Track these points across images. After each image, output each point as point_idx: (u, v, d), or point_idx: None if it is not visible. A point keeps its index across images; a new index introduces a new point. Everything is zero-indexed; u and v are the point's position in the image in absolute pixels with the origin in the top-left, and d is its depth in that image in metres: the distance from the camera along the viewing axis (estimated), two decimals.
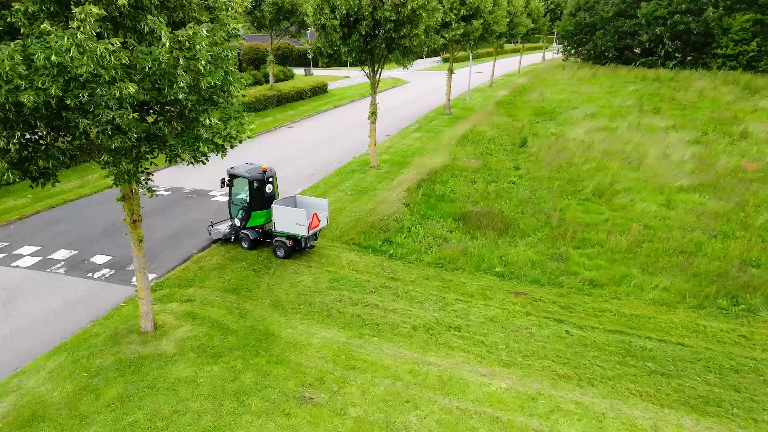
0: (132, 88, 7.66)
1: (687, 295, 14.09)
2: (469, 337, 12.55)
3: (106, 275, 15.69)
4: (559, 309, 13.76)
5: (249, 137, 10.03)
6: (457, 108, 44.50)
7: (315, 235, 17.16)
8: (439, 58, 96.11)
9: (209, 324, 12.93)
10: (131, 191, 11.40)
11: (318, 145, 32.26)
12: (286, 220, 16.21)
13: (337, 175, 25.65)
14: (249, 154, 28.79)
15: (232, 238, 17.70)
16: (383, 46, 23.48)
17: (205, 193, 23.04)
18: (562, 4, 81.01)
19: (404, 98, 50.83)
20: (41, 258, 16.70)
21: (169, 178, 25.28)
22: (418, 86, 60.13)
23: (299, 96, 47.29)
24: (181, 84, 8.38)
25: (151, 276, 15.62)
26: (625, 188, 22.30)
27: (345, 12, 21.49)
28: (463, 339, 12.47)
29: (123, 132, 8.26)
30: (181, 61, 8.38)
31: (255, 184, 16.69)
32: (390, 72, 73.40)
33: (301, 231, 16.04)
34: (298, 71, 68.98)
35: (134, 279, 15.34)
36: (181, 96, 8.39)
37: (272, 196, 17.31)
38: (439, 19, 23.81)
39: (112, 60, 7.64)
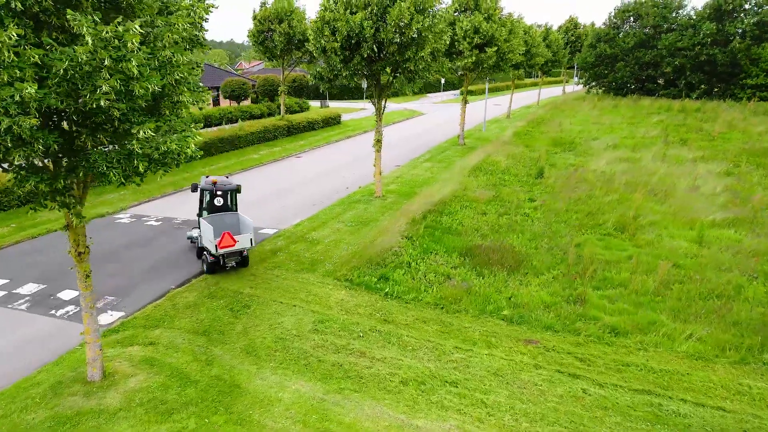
0: (31, 89, 6.26)
1: (726, 347, 11.99)
2: (468, 394, 10.64)
3: (70, 313, 14.21)
4: (574, 361, 11.78)
5: (194, 154, 8.58)
6: (471, 138, 43.06)
7: (240, 255, 16.45)
8: (457, 92, 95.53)
9: (168, 372, 11.26)
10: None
11: (325, 174, 30.96)
12: (204, 235, 16.25)
13: (339, 205, 24.15)
14: (254, 182, 27.72)
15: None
16: (388, 69, 22.28)
17: (197, 223, 21.65)
18: (583, 37, 79.95)
19: (418, 129, 49.68)
20: (6, 292, 15.35)
21: (161, 207, 24.10)
22: (434, 118, 59.08)
23: (311, 126, 46.45)
24: (105, 89, 6.96)
25: (118, 314, 14.12)
26: (651, 222, 20.29)
27: (346, 34, 20.35)
28: (459, 397, 10.56)
29: (27, 143, 6.84)
30: (106, 62, 6.99)
31: (203, 194, 17.15)
32: (406, 104, 72.94)
33: (211, 248, 15.62)
34: (314, 103, 68.77)
35: (99, 317, 13.91)
36: (103, 103, 6.96)
37: (223, 208, 17.20)
38: (447, 42, 22.49)
39: (12, 57, 6.27)
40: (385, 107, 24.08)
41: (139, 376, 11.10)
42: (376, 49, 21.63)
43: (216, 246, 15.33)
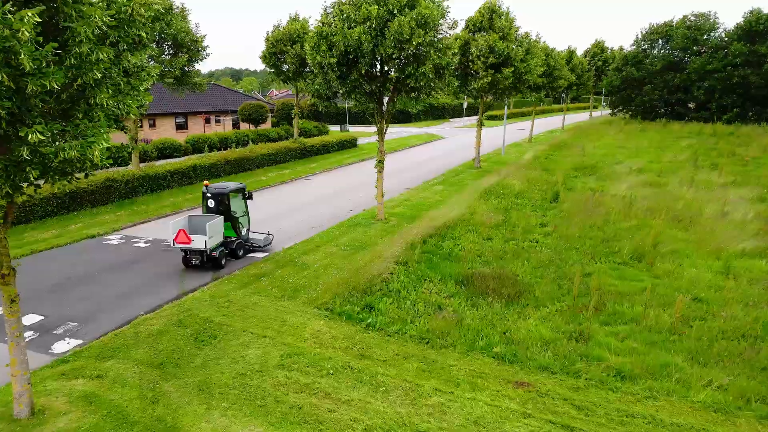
0: None
1: (752, 398, 10.20)
2: None
3: (27, 339, 13.18)
4: (570, 409, 10.15)
5: (103, 163, 7.49)
6: (489, 162, 41.68)
7: (201, 255, 17.58)
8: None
9: (106, 411, 10.07)
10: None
11: (330, 197, 29.93)
12: None
13: (338, 228, 22.98)
14: (256, 204, 26.83)
15: None
16: (389, 86, 21.27)
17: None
18: (610, 61, 78.01)
19: (435, 153, 48.57)
20: None
21: (155, 229, 23.34)
22: (453, 142, 57.92)
23: (325, 149, 45.80)
24: None
25: (75, 342, 13.08)
26: (672, 251, 18.47)
27: (343, 49, 19.45)
28: None
29: None
30: None
31: (203, 197, 18.82)
32: (427, 128, 72.19)
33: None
34: (334, 128, 68.54)
35: (55, 345, 12.95)
36: None
37: (216, 211, 18.64)
38: (455, 59, 21.30)
39: None
40: (387, 127, 23.01)
41: (73, 415, 9.93)
42: (378, 65, 20.74)
43: (173, 240, 17.17)
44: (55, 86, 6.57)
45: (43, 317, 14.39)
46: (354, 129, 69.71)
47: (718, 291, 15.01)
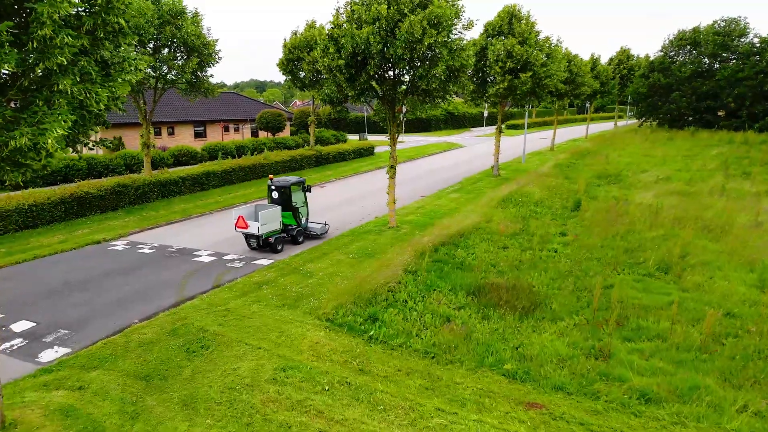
0: None
1: None
2: None
3: (15, 347, 12.70)
4: None
5: (60, 152, 6.82)
6: (508, 170, 40.58)
7: (257, 239, 19.92)
8: (503, 126, 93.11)
9: (81, 426, 9.38)
10: None
11: (343, 204, 29.25)
12: None
13: (348, 236, 22.23)
14: None
15: None
16: (402, 88, 20.54)
17: (190, 251, 20.23)
18: (636, 68, 76.10)
19: (454, 161, 47.62)
20: None
21: (162, 235, 22.88)
22: (472, 150, 56.93)
23: (342, 157, 45.27)
24: None
25: (64, 351, 12.50)
26: (702, 262, 17.23)
27: (351, 50, 18.79)
28: None
29: None
30: None
31: (269, 189, 20.86)
32: (447, 137, 71.42)
33: None
34: (353, 137, 68.21)
35: (42, 354, 12.39)
36: None
37: (279, 201, 20.42)
38: (470, 61, 20.40)
39: None
40: (400, 132, 22.25)
41: (46, 429, 9.26)
42: (390, 67, 20.06)
43: (234, 226, 19.37)
44: (6, 68, 5.94)
45: (34, 324, 13.88)
46: (373, 138, 69.22)
47: (752, 306, 13.78)
